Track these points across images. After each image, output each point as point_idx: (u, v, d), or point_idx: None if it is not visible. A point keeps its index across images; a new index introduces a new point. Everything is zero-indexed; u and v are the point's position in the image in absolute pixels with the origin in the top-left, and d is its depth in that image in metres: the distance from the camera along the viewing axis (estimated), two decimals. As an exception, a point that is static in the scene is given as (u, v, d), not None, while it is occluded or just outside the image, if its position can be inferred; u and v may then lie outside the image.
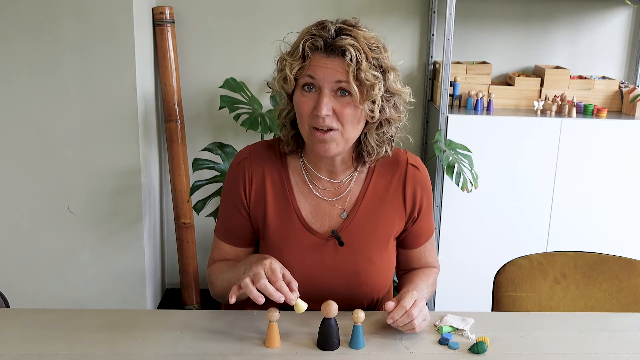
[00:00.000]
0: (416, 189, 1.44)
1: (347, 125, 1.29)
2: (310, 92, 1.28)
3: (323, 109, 1.25)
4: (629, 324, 1.38)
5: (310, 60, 1.26)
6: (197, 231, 2.99)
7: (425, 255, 1.52)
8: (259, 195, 1.40)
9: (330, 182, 1.42)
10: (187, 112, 2.95)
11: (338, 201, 1.41)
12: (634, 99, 2.75)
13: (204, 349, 1.22)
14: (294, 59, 1.27)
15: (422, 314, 1.26)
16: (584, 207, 2.74)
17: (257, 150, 1.44)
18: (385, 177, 1.43)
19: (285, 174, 1.41)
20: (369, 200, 1.41)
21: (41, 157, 2.66)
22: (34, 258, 2.77)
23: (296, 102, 1.31)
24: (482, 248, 2.77)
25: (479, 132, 2.66)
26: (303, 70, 1.27)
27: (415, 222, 1.46)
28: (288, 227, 1.39)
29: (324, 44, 1.25)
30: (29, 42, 2.54)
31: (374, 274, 1.40)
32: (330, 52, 1.25)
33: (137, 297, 2.83)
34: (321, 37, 1.26)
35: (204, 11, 2.88)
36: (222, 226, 1.47)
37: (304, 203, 1.41)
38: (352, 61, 1.24)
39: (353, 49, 1.24)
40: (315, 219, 1.40)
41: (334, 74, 1.25)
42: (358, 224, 1.40)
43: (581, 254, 1.67)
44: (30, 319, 1.33)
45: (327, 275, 1.37)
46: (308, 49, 1.26)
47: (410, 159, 1.46)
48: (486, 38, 2.98)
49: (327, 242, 1.39)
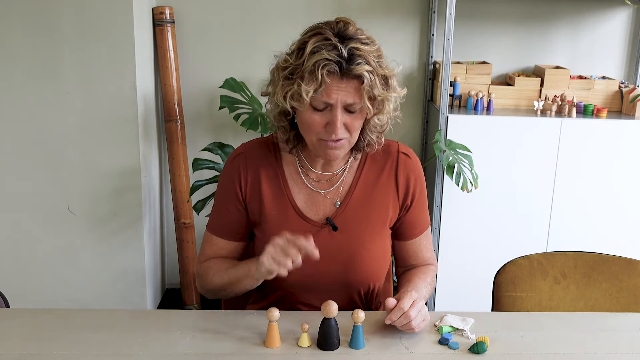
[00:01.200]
0: (409, 176, 1.47)
1: (354, 133, 1.34)
2: (320, 111, 1.30)
3: (339, 130, 1.29)
4: (629, 324, 1.38)
5: (324, 84, 1.26)
6: (197, 231, 2.99)
7: (422, 249, 1.53)
8: (254, 189, 1.43)
9: (323, 174, 1.45)
10: (187, 112, 2.95)
11: (331, 192, 1.45)
12: (634, 99, 2.75)
13: (204, 349, 1.22)
14: (309, 85, 1.26)
15: (420, 314, 1.27)
16: (584, 207, 2.74)
17: (251, 147, 1.47)
18: (377, 165, 1.47)
19: (279, 166, 1.45)
20: (362, 187, 1.45)
21: (41, 157, 2.66)
22: (34, 258, 2.77)
23: (305, 118, 1.32)
24: (482, 248, 2.77)
25: (479, 132, 2.66)
26: (316, 94, 1.28)
27: (409, 211, 1.48)
28: (283, 217, 1.42)
29: (339, 69, 1.26)
30: (29, 42, 2.54)
31: (368, 259, 1.43)
32: (347, 76, 1.27)
33: (137, 297, 2.83)
34: (336, 62, 1.25)
35: (204, 11, 2.88)
36: (216, 222, 1.49)
37: (298, 193, 1.44)
38: (367, 85, 1.27)
39: (369, 74, 1.26)
40: (310, 208, 1.44)
41: (347, 96, 1.28)
42: (351, 210, 1.43)
43: (581, 254, 1.67)
44: (30, 319, 1.34)
45: (322, 261, 1.37)
46: (324, 75, 1.25)
47: (402, 148, 1.49)
48: (486, 38, 2.98)
49: (321, 229, 1.42)
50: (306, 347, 1.23)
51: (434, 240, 2.76)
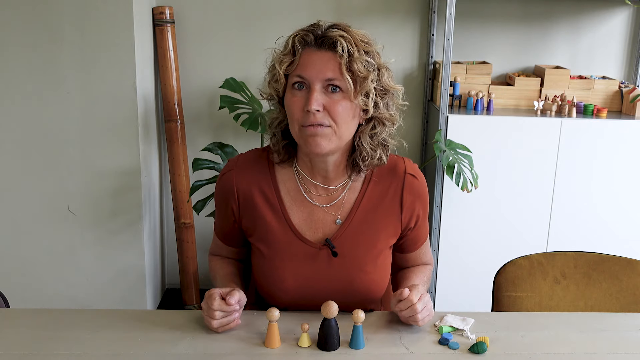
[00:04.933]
0: (415, 201, 1.41)
1: (340, 122, 1.27)
2: (300, 90, 1.27)
3: (313, 103, 1.23)
4: (629, 324, 1.38)
5: (300, 55, 1.26)
6: (197, 231, 2.99)
7: (421, 256, 1.53)
8: (247, 206, 1.39)
9: (325, 189, 1.40)
10: (187, 112, 2.95)
11: (332, 207, 1.39)
12: (634, 99, 2.75)
13: (204, 349, 1.22)
14: (284, 54, 1.28)
15: (426, 308, 1.28)
16: (584, 207, 2.74)
17: (243, 162, 1.42)
18: (382, 186, 1.40)
19: (274, 183, 1.39)
20: (365, 208, 1.39)
21: (41, 157, 2.66)
22: (34, 258, 2.77)
23: (287, 103, 1.30)
24: (482, 248, 2.77)
25: (479, 132, 2.66)
26: (293, 67, 1.27)
27: (412, 231, 1.45)
28: (280, 237, 1.37)
29: (314, 38, 1.26)
30: (29, 42, 2.54)
31: (368, 283, 1.38)
32: (321, 45, 1.25)
33: (137, 297, 2.83)
34: (311, 32, 1.26)
35: (204, 11, 2.88)
36: (217, 225, 1.51)
37: (296, 212, 1.38)
38: (344, 52, 1.23)
39: (344, 40, 1.24)
40: (308, 226, 1.38)
41: (324, 71, 1.24)
42: (352, 232, 1.37)
43: (581, 254, 1.67)
44: (30, 319, 1.34)
45: (321, 285, 1.37)
46: (298, 44, 1.26)
47: (409, 167, 1.42)
48: (486, 38, 2.98)
49: (320, 250, 1.37)
50: (306, 347, 1.23)
51: (434, 241, 2.77)
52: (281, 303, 1.37)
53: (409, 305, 1.25)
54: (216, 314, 1.24)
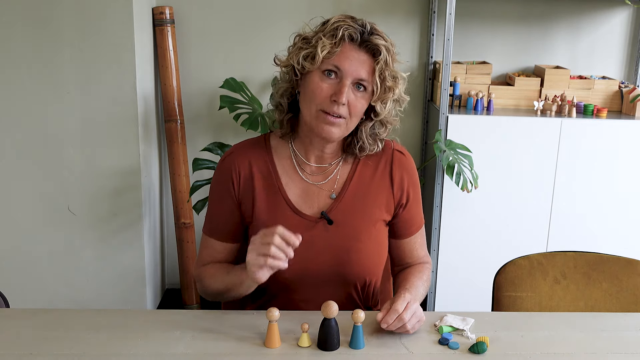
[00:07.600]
0: (403, 174, 1.48)
1: (353, 117, 1.36)
2: (330, 78, 1.33)
3: (344, 97, 1.31)
4: (629, 324, 1.38)
5: (342, 47, 1.32)
6: (197, 231, 2.99)
7: (417, 248, 1.55)
8: (247, 186, 1.44)
9: (318, 167, 1.46)
10: (187, 112, 2.95)
11: (326, 184, 1.46)
12: (634, 99, 2.75)
13: (204, 349, 1.22)
14: (328, 40, 1.32)
15: (415, 315, 1.27)
16: (584, 207, 2.74)
17: (241, 146, 1.49)
18: (372, 161, 1.48)
19: (271, 162, 1.45)
20: (357, 181, 1.46)
21: (41, 157, 2.66)
22: (34, 258, 2.77)
23: (312, 84, 1.34)
24: (482, 248, 2.77)
25: (479, 132, 2.66)
26: (331, 55, 1.32)
27: (405, 208, 1.49)
28: (277, 213, 1.42)
29: (360, 37, 1.32)
30: (29, 42, 2.54)
31: (363, 253, 1.43)
32: (364, 47, 1.33)
33: (137, 297, 2.83)
34: (358, 30, 1.32)
35: (204, 11, 2.88)
36: (211, 223, 1.50)
37: (293, 188, 1.44)
38: (382, 61, 1.32)
39: (385, 51, 1.32)
40: (304, 201, 1.44)
41: (359, 70, 1.32)
42: (347, 204, 1.44)
43: (581, 254, 1.67)
44: (30, 319, 1.33)
45: (318, 256, 1.40)
46: (345, 36, 1.32)
47: (396, 146, 1.51)
48: (486, 38, 2.98)
49: (316, 223, 1.42)
50: (306, 347, 1.23)
51: (434, 241, 2.77)
52: (281, 278, 1.36)
53: (396, 317, 1.24)
54: (272, 249, 1.21)
